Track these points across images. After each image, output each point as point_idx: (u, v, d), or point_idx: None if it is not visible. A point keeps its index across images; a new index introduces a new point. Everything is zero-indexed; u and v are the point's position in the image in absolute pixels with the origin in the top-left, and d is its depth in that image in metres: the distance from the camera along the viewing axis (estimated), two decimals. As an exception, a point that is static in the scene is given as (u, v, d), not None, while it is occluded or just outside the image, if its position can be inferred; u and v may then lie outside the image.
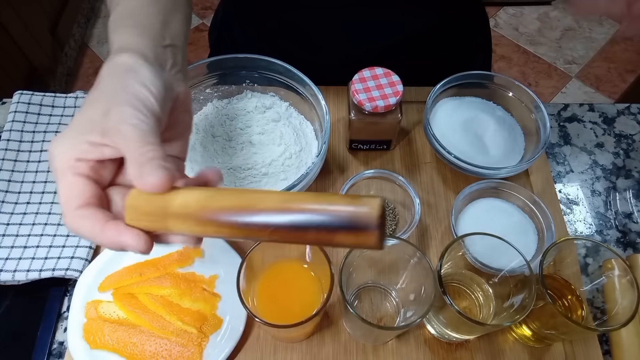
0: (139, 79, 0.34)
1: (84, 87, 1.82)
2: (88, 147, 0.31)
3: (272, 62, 0.58)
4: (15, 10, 1.47)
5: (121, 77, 0.34)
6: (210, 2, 2.04)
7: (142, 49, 0.36)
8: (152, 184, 0.30)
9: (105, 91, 0.33)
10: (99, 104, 0.32)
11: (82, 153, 0.31)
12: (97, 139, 0.31)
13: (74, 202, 0.31)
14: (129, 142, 0.31)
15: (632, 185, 0.63)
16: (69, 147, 0.31)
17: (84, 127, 0.32)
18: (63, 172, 0.31)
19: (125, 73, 0.34)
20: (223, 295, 0.52)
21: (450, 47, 0.72)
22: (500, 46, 1.89)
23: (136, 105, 0.32)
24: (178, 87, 0.37)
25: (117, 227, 0.30)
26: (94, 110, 0.32)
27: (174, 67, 0.38)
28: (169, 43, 0.39)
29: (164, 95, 0.34)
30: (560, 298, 0.50)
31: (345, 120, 0.63)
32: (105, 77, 0.34)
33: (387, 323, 0.50)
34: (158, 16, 0.39)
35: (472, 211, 0.56)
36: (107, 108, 0.32)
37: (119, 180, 0.34)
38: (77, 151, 0.31)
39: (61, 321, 0.53)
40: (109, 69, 0.35)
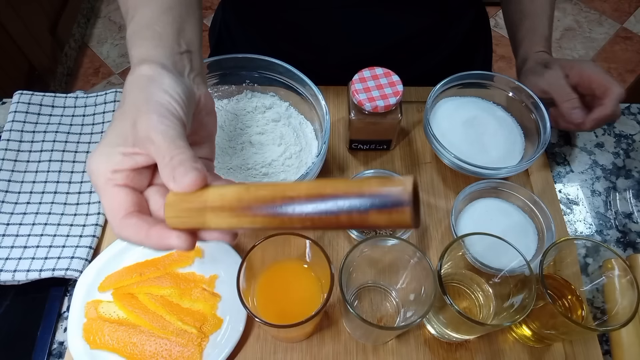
0: (160, 87, 0.35)
1: (84, 87, 1.82)
2: (122, 158, 0.33)
3: (272, 62, 0.58)
4: (15, 10, 1.47)
5: (144, 88, 0.35)
6: (210, 2, 2.04)
7: (160, 59, 0.37)
8: (186, 185, 0.31)
9: (131, 103, 0.35)
10: (127, 116, 0.34)
11: (117, 164, 0.33)
12: (129, 150, 0.33)
13: (119, 214, 0.33)
14: (159, 148, 0.32)
15: (632, 185, 0.63)
16: (104, 161, 0.33)
17: (115, 139, 0.34)
18: (103, 186, 0.33)
19: (148, 83, 0.36)
20: (223, 295, 0.52)
21: (450, 47, 0.72)
22: (500, 46, 1.89)
23: (161, 112, 0.34)
24: (199, 91, 0.39)
25: (161, 232, 0.32)
26: (123, 123, 0.34)
27: (192, 72, 0.40)
28: (185, 49, 0.40)
29: (185, 100, 0.36)
30: (560, 298, 0.50)
31: (345, 120, 0.63)
32: (129, 91, 0.36)
33: (387, 323, 0.50)
34: (173, 24, 0.40)
35: (472, 211, 0.56)
36: (134, 119, 0.34)
37: (156, 181, 0.36)
38: (112, 163, 0.33)
39: (61, 321, 0.53)
40: (132, 82, 0.36)
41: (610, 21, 1.98)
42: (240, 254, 0.54)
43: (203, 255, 0.54)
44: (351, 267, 0.46)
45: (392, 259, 0.49)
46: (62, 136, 0.62)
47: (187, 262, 0.54)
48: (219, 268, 0.53)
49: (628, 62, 1.86)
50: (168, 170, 0.32)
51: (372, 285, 0.52)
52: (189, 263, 0.54)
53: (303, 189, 0.29)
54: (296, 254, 0.47)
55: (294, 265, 0.48)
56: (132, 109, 0.34)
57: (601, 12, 2.02)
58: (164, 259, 0.54)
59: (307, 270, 0.48)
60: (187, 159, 0.32)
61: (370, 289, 0.52)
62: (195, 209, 0.31)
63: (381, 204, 0.27)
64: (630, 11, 2.02)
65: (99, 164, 0.33)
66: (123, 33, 1.98)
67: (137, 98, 0.35)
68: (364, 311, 0.51)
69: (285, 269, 0.48)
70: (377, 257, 0.49)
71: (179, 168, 0.31)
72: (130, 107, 0.35)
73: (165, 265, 0.53)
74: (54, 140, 0.62)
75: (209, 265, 0.54)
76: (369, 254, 0.47)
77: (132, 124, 0.34)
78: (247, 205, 0.30)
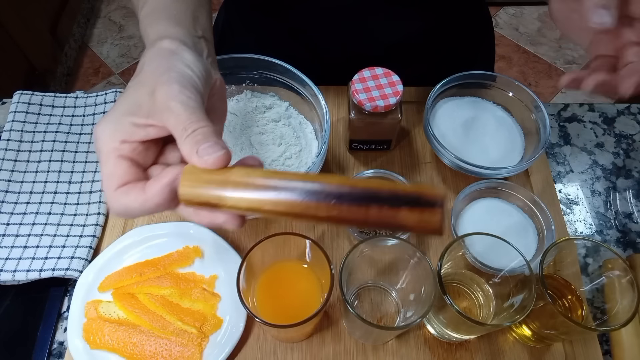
0: (182, 61, 0.34)
1: (84, 87, 1.82)
2: (133, 128, 0.32)
3: (272, 62, 0.58)
4: (15, 10, 1.47)
5: (165, 59, 0.34)
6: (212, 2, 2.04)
7: (180, 36, 0.37)
8: (211, 162, 0.30)
9: (150, 73, 0.34)
10: (144, 86, 0.33)
11: (127, 135, 0.32)
12: (142, 120, 0.32)
13: (115, 183, 0.31)
14: (179, 118, 0.31)
15: (632, 185, 0.63)
16: (113, 129, 0.32)
17: (128, 108, 0.32)
18: (107, 154, 0.32)
19: (169, 56, 0.35)
20: (223, 295, 0.52)
21: (451, 47, 0.72)
22: (500, 46, 1.89)
23: (183, 83, 0.33)
24: (215, 75, 0.38)
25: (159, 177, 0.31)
26: (138, 92, 0.33)
27: (209, 57, 0.39)
28: (201, 35, 0.40)
29: (205, 77, 0.35)
30: (560, 298, 0.50)
31: (345, 120, 0.63)
32: (148, 61, 0.35)
33: (387, 323, 0.50)
34: (187, 11, 0.40)
35: (472, 211, 0.56)
36: (153, 88, 0.32)
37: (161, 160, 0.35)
38: (121, 133, 0.32)
39: (61, 321, 0.53)
40: (152, 53, 0.35)
41: (610, 21, 1.98)
42: (240, 254, 0.54)
43: (203, 255, 0.54)
44: (351, 267, 0.46)
45: (392, 259, 0.49)
46: (62, 136, 0.62)
47: (187, 262, 0.54)
48: (219, 268, 0.53)
49: (628, 62, 1.86)
50: (190, 143, 0.30)
51: (372, 285, 0.52)
52: (189, 263, 0.54)
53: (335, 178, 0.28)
54: (296, 254, 0.47)
55: (294, 265, 0.48)
56: (151, 78, 0.33)
57: (601, 12, 2.01)
58: (164, 259, 0.54)
59: (307, 270, 0.48)
60: (211, 133, 0.31)
61: (370, 289, 0.52)
62: (216, 181, 0.29)
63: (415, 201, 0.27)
64: (630, 11, 2.01)
65: (106, 131, 0.32)
66: (123, 33, 1.98)
67: (158, 67, 0.34)
68: (364, 311, 0.51)
69: (285, 269, 0.48)
70: (377, 257, 0.49)
71: (204, 143, 0.30)
72: (149, 76, 0.33)
73: (165, 265, 0.53)
74: (54, 140, 0.62)
75: (209, 265, 0.54)
76: (369, 254, 0.47)
77: (150, 92, 0.32)
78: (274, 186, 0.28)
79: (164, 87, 0.32)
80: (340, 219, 0.28)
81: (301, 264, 0.48)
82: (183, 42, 0.36)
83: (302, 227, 0.57)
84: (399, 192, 0.27)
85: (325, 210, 0.28)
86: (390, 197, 0.27)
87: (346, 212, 0.27)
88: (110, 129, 0.32)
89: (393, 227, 0.28)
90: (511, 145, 0.60)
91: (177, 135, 0.31)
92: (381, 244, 0.46)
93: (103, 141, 0.32)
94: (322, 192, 0.28)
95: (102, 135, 0.32)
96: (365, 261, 0.48)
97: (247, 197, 0.29)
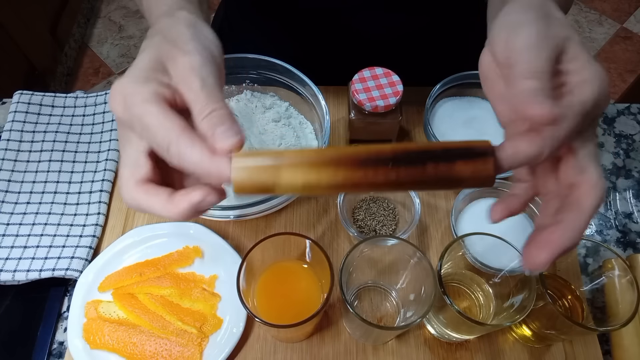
0: (204, 34, 0.33)
1: (84, 87, 1.82)
2: (161, 87, 0.30)
3: (272, 62, 0.58)
4: (15, 10, 1.47)
5: (187, 27, 0.33)
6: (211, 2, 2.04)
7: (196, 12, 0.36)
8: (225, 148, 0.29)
9: (170, 37, 0.32)
10: (165, 47, 0.31)
11: (159, 89, 0.30)
12: (167, 80, 0.31)
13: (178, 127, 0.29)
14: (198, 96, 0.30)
15: (632, 185, 0.63)
16: (142, 83, 0.30)
17: (152, 66, 0.31)
18: (144, 104, 0.29)
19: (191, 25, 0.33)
20: (223, 295, 0.52)
21: (451, 48, 0.72)
22: (500, 46, 1.89)
23: (205, 55, 0.32)
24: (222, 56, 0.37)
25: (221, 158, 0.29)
26: (159, 52, 0.31)
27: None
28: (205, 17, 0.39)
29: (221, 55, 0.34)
30: (560, 298, 0.50)
31: (345, 120, 0.63)
32: (167, 27, 0.33)
33: (387, 323, 0.50)
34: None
35: (472, 211, 0.56)
36: (174, 54, 0.31)
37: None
38: (153, 87, 0.30)
39: (61, 321, 0.53)
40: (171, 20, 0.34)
41: (610, 21, 1.98)
42: (240, 254, 0.54)
43: (203, 255, 0.54)
44: (351, 267, 0.46)
45: (392, 259, 0.49)
46: (62, 136, 0.62)
47: (187, 262, 0.54)
48: (219, 268, 0.53)
49: (628, 62, 1.86)
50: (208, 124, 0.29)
51: (372, 285, 0.52)
52: (189, 263, 0.54)
53: (387, 146, 0.29)
54: (296, 254, 0.47)
55: (294, 265, 0.48)
56: (172, 42, 0.31)
57: (601, 12, 2.02)
58: (164, 259, 0.54)
59: (307, 270, 0.48)
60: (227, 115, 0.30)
61: (370, 289, 0.52)
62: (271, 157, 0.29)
63: (467, 153, 0.28)
64: (630, 11, 2.01)
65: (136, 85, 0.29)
66: (123, 33, 1.98)
67: (181, 34, 0.32)
68: (364, 311, 0.51)
69: (285, 269, 0.48)
70: (377, 257, 0.49)
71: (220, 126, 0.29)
72: (170, 40, 0.32)
73: (165, 265, 0.53)
74: (54, 140, 0.62)
75: (209, 265, 0.54)
76: (369, 254, 0.47)
77: (172, 57, 0.31)
78: (329, 159, 0.28)
79: (187, 57, 0.31)
80: (399, 182, 0.28)
81: (301, 264, 0.48)
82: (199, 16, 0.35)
83: (302, 227, 0.57)
84: (451, 147, 0.28)
85: (383, 175, 0.28)
86: (444, 153, 0.28)
87: (404, 175, 0.28)
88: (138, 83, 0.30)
89: (450, 181, 0.29)
90: (511, 145, 0.60)
91: (195, 113, 0.30)
92: (381, 244, 0.46)
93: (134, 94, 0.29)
94: (379, 157, 0.28)
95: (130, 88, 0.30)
96: (365, 261, 0.48)
97: (303, 176, 0.29)
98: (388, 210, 0.57)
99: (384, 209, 0.56)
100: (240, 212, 0.50)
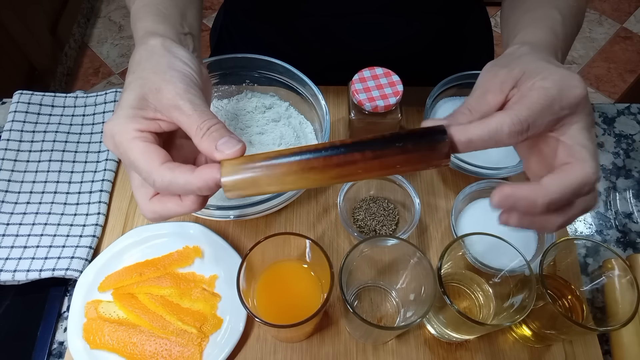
0: (179, 58, 0.36)
1: (84, 87, 1.82)
2: (145, 121, 0.33)
3: (272, 62, 0.58)
4: (15, 10, 1.47)
5: (162, 56, 0.36)
6: (211, 2, 2.04)
7: (167, 33, 0.38)
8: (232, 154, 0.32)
9: (150, 70, 0.35)
10: (147, 83, 0.34)
11: (143, 126, 0.33)
12: (151, 114, 0.33)
13: (157, 160, 0.32)
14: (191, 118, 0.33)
15: (632, 185, 0.63)
16: (128, 122, 0.33)
17: (137, 104, 0.34)
18: (129, 142, 0.33)
19: (165, 52, 0.36)
20: (223, 295, 0.52)
21: (451, 48, 0.72)
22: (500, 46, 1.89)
23: (186, 81, 0.34)
24: (203, 69, 0.40)
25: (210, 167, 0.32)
26: (142, 89, 0.34)
27: (195, 52, 0.40)
28: (187, 31, 0.41)
29: (199, 73, 0.37)
30: (560, 298, 0.50)
31: (345, 120, 0.63)
32: (144, 58, 0.36)
33: (387, 323, 0.50)
34: (175, 8, 0.42)
35: (472, 211, 0.56)
36: (158, 86, 0.34)
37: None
38: (136, 124, 0.33)
39: (61, 321, 0.53)
40: (145, 51, 0.36)
41: (610, 21, 1.98)
42: (240, 254, 0.54)
43: (203, 255, 0.54)
44: (351, 267, 0.46)
45: (392, 259, 0.49)
46: (62, 136, 0.62)
47: (187, 262, 0.54)
48: (219, 268, 0.53)
49: (628, 62, 1.86)
50: (209, 141, 0.32)
51: (372, 285, 0.52)
52: (189, 263, 0.54)
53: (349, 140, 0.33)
54: (296, 254, 0.47)
55: (294, 265, 0.48)
56: (153, 75, 0.34)
57: (601, 12, 2.02)
58: (164, 259, 0.54)
59: (307, 270, 0.48)
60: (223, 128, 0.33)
61: (370, 289, 0.52)
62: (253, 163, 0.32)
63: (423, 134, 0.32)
64: (630, 11, 2.02)
65: (122, 124, 0.33)
66: (123, 33, 1.98)
67: (158, 65, 0.35)
68: (364, 311, 0.51)
69: (285, 269, 0.48)
70: (377, 257, 0.49)
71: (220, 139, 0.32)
72: (150, 74, 0.35)
73: (165, 265, 0.53)
74: (53, 140, 0.62)
75: (209, 265, 0.54)
76: (369, 254, 0.47)
77: (156, 90, 0.33)
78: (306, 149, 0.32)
79: (170, 86, 0.34)
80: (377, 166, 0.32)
81: (301, 264, 0.48)
82: (170, 38, 0.38)
83: (302, 227, 0.57)
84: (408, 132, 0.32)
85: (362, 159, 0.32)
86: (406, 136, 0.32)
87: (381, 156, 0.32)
88: (123, 122, 0.33)
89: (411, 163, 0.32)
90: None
91: (192, 134, 0.33)
92: (381, 244, 0.46)
93: (120, 134, 0.33)
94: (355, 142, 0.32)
95: (117, 128, 0.33)
96: (365, 261, 0.48)
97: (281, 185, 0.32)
98: (388, 210, 0.57)
99: (384, 209, 0.56)
100: (240, 212, 0.50)
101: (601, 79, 1.83)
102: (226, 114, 0.62)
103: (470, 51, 0.76)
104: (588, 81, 1.82)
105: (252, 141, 0.60)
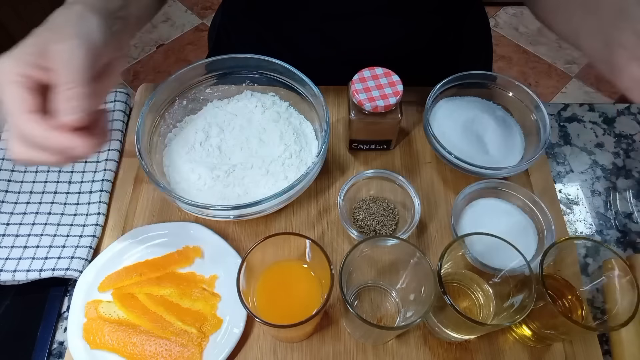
0: (89, 24, 0.38)
1: (84, 87, 1.82)
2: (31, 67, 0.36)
3: (272, 62, 0.58)
4: (15, 10, 1.47)
5: (74, 17, 0.39)
6: (210, 2, 2.04)
7: (95, 4, 0.40)
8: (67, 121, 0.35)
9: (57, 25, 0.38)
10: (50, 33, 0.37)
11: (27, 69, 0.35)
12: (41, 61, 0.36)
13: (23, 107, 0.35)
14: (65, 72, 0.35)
15: (632, 185, 0.63)
16: (13, 64, 0.36)
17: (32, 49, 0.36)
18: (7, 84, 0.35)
19: (78, 17, 0.39)
20: (223, 295, 0.52)
21: (450, 48, 0.72)
22: (500, 46, 1.89)
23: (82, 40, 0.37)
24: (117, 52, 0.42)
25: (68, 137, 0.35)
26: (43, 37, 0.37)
27: (118, 34, 0.42)
28: (121, 16, 0.43)
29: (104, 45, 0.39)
30: (560, 298, 0.50)
31: (345, 120, 0.63)
32: (57, 16, 0.40)
33: (387, 323, 0.50)
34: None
35: (472, 211, 0.56)
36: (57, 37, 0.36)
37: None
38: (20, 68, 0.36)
39: (61, 321, 0.53)
40: (62, 12, 0.39)
41: (610, 21, 1.98)
42: (240, 254, 0.54)
43: (203, 255, 0.54)
44: (351, 267, 0.46)
45: (392, 259, 0.49)
46: (62, 136, 0.62)
47: (187, 262, 0.54)
48: (219, 268, 0.53)
49: (628, 62, 1.86)
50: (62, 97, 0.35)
51: (372, 285, 0.52)
52: (189, 263, 0.54)
53: None
54: (296, 254, 0.47)
55: (294, 265, 0.48)
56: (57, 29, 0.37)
57: (601, 12, 2.01)
58: (164, 259, 0.54)
59: (307, 270, 0.48)
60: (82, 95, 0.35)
61: (370, 289, 0.52)
62: None
63: None
64: (630, 11, 2.01)
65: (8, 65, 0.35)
66: (123, 33, 1.97)
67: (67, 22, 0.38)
68: (364, 311, 0.51)
69: (285, 269, 0.48)
70: (377, 257, 0.49)
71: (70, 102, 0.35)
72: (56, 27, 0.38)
73: (165, 265, 0.53)
74: (54, 140, 0.62)
75: (209, 265, 0.54)
76: (369, 254, 0.47)
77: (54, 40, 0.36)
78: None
79: (66, 40, 0.36)
80: None
81: (301, 264, 0.48)
82: (94, 8, 0.40)
83: (302, 227, 0.57)
84: None
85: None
86: None
87: None
88: (9, 64, 0.36)
89: None
90: (511, 145, 0.60)
91: (57, 85, 0.35)
92: (381, 244, 0.46)
93: (3, 73, 0.35)
94: None
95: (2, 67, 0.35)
96: (365, 261, 0.48)
97: None
98: (388, 210, 0.57)
99: (384, 209, 0.56)
100: (240, 212, 0.50)
101: (601, 79, 1.83)
102: (226, 114, 0.62)
103: (469, 51, 0.76)
104: (588, 81, 1.82)
105: (252, 141, 0.60)
